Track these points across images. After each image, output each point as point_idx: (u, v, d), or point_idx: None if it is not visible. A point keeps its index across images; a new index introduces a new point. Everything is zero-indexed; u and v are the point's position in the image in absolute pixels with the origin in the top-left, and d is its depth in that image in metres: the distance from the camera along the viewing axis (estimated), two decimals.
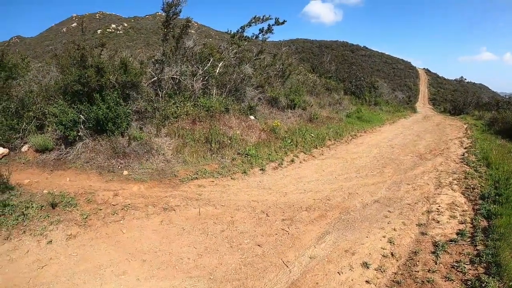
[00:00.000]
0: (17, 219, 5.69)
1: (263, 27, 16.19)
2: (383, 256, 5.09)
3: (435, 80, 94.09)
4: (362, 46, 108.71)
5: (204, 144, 10.02)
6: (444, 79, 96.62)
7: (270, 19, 15.73)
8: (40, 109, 9.67)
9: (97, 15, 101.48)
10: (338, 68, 31.81)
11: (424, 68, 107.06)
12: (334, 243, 5.46)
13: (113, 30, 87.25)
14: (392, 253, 5.16)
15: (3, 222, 5.59)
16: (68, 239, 5.34)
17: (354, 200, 7.28)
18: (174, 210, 6.49)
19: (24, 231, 5.44)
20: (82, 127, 8.85)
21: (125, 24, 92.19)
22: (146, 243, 5.33)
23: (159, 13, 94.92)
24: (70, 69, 9.17)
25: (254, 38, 16.54)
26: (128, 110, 9.68)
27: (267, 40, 17.06)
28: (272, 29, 16.16)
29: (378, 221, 6.28)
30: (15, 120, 9.26)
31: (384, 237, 5.67)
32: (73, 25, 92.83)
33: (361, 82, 30.25)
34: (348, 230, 5.93)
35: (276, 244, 5.45)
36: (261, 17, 15.65)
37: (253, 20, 15.71)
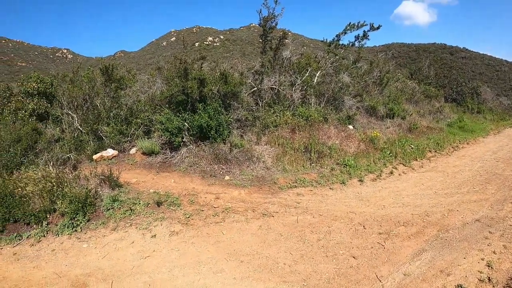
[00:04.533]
0: (125, 213, 6.67)
1: (358, 34, 16.36)
2: (480, 280, 4.88)
3: None
4: (461, 47, 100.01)
5: (303, 153, 10.41)
6: None
7: (365, 25, 15.79)
8: (147, 116, 10.96)
9: (194, 29, 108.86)
10: (437, 73, 30.06)
11: None
12: (430, 262, 5.38)
13: (209, 42, 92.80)
14: (489, 277, 4.92)
15: (111, 215, 6.60)
16: (171, 235, 6.07)
17: (453, 218, 7.04)
18: (273, 216, 6.91)
19: (130, 224, 6.35)
20: (186, 134, 9.86)
21: (221, 36, 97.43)
22: (245, 245, 5.79)
23: (253, 24, 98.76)
24: (175, 81, 10.36)
25: (350, 45, 16.70)
26: (229, 119, 10.54)
27: (363, 47, 17.15)
28: (368, 35, 16.22)
29: (477, 242, 6.00)
30: (124, 126, 10.71)
31: (482, 259, 5.41)
32: (172, 39, 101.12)
33: (462, 88, 28.37)
34: (446, 249, 5.78)
35: (371, 257, 5.53)
36: (356, 24, 15.75)
37: (348, 27, 15.84)
